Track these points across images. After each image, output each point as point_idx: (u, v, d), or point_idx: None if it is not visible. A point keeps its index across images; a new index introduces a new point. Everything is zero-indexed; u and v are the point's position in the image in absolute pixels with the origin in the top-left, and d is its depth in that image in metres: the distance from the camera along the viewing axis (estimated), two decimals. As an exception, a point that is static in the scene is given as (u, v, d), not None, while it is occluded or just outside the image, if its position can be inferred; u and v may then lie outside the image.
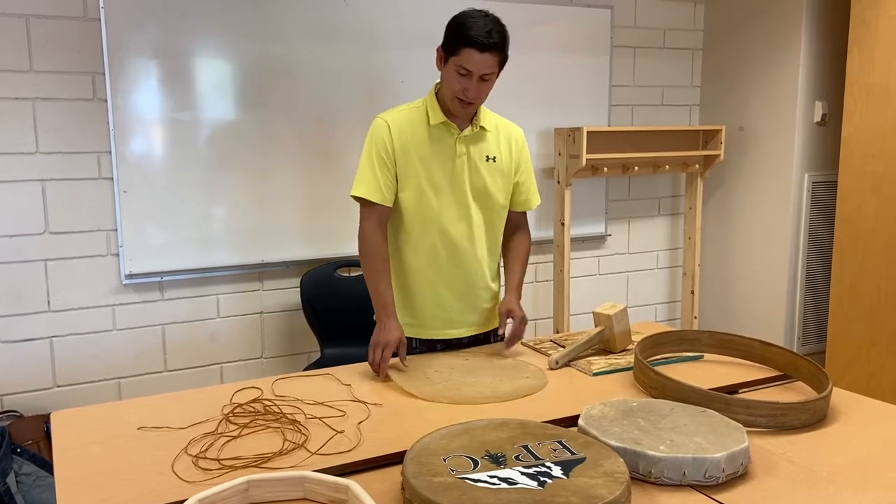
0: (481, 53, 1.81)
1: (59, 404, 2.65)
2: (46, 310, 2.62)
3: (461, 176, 1.96)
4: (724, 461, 1.22)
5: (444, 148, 1.94)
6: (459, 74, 1.85)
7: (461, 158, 1.95)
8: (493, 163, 2.00)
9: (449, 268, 1.99)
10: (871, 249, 2.95)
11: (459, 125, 1.96)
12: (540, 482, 1.13)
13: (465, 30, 1.82)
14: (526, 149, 2.09)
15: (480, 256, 2.02)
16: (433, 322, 2.03)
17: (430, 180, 1.93)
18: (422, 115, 1.95)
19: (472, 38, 1.80)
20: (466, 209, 1.97)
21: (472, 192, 1.97)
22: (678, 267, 3.89)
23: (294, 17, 2.82)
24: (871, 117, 2.91)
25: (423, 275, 1.99)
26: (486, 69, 1.84)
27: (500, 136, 2.03)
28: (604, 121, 3.53)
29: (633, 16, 3.55)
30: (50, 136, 2.56)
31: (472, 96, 1.87)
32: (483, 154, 1.99)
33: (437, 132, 1.94)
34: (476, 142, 1.98)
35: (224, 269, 2.83)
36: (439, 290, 2.00)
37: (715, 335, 1.87)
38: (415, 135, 1.93)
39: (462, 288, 2.01)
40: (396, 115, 1.95)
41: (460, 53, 1.82)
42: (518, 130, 2.09)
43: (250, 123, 2.81)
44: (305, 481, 1.19)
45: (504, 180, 2.02)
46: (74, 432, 1.46)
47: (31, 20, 2.49)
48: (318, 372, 1.85)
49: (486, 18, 1.83)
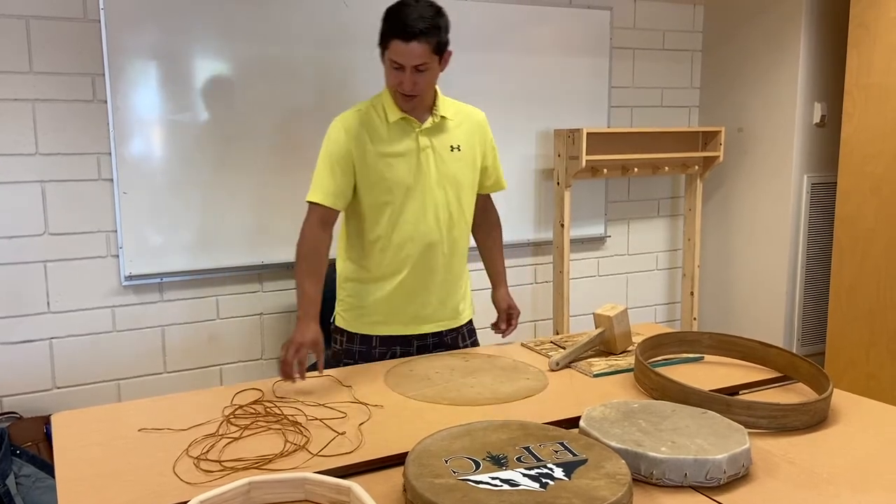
0: (407, 43, 1.76)
1: (59, 406, 2.65)
2: (46, 311, 2.62)
3: (427, 170, 1.93)
4: (725, 462, 1.22)
5: (407, 144, 1.91)
6: (393, 68, 1.81)
7: (425, 151, 1.92)
8: (458, 151, 1.96)
9: (421, 264, 1.97)
10: (870, 250, 2.96)
11: (419, 118, 1.92)
12: (542, 484, 1.12)
13: (391, 21, 1.78)
14: (489, 132, 2.06)
15: (450, 249, 2.01)
16: (404, 318, 2.02)
17: (395, 178, 1.90)
18: (379, 113, 1.92)
19: (397, 29, 1.76)
20: (435, 203, 1.95)
21: (440, 185, 1.94)
22: (678, 268, 3.89)
23: (295, 18, 2.82)
24: (870, 118, 2.92)
25: (393, 273, 1.97)
26: (416, 59, 1.78)
27: (461, 123, 1.99)
28: (603, 122, 3.53)
29: (632, 17, 3.56)
30: (50, 137, 2.55)
31: (408, 89, 1.82)
32: (447, 144, 1.95)
33: (398, 128, 1.91)
34: (438, 132, 1.94)
35: (224, 270, 2.83)
36: (411, 286, 1.99)
37: (715, 336, 1.87)
38: (374, 135, 1.90)
39: (435, 282, 2.01)
40: (354, 117, 1.91)
41: (389, 46, 1.79)
42: (480, 114, 2.05)
43: (250, 125, 2.80)
44: (307, 483, 1.18)
45: (471, 167, 2.00)
46: (75, 434, 1.46)
47: (30, 21, 2.49)
48: (318, 373, 1.85)
49: (415, 6, 1.78)
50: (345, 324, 2.05)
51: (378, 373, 1.83)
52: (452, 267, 2.04)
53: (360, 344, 2.03)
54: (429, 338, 2.07)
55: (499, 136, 3.28)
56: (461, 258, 2.07)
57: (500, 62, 3.24)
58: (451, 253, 2.02)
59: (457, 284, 2.07)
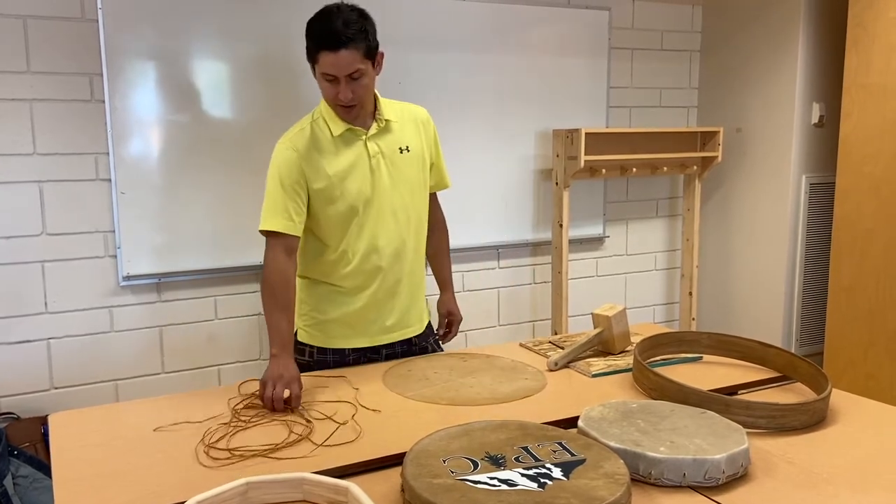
0: (336, 53, 1.71)
1: (57, 406, 2.65)
2: (44, 311, 2.61)
3: (381, 177, 1.89)
4: (724, 462, 1.22)
5: (357, 154, 1.87)
6: (327, 80, 1.77)
7: (375, 158, 1.88)
8: (407, 153, 1.93)
9: (389, 272, 1.94)
10: (869, 250, 2.96)
11: (364, 125, 1.88)
12: (540, 484, 1.12)
13: (314, 33, 1.73)
14: (434, 129, 2.03)
15: (413, 255, 1.98)
16: (373, 329, 1.98)
17: (352, 192, 1.86)
18: (322, 129, 1.87)
19: (323, 40, 1.71)
20: (394, 210, 1.91)
21: (396, 189, 1.91)
22: (676, 268, 3.89)
23: (293, 17, 2.82)
24: (868, 118, 2.92)
25: (363, 286, 1.93)
26: (348, 68, 1.73)
27: (406, 124, 1.95)
28: (602, 122, 3.53)
29: (630, 17, 3.55)
30: (47, 137, 2.55)
31: (346, 99, 1.77)
32: (396, 147, 1.91)
33: (344, 141, 1.86)
34: (385, 136, 1.90)
35: (222, 270, 2.83)
36: (380, 297, 1.95)
37: (714, 336, 1.87)
38: (323, 153, 1.85)
39: (402, 290, 1.98)
40: (299, 136, 1.86)
41: (318, 59, 1.75)
42: (423, 112, 2.01)
43: (249, 125, 2.80)
44: (305, 483, 1.18)
45: (422, 166, 1.97)
46: (73, 434, 1.45)
47: (28, 21, 2.48)
48: (316, 374, 1.84)
49: (336, 13, 1.73)
50: (310, 339, 2.00)
51: (376, 373, 1.83)
52: (416, 271, 2.01)
53: (333, 354, 1.99)
54: (396, 346, 2.03)
55: (497, 137, 3.28)
56: (422, 261, 2.05)
57: (498, 62, 3.24)
58: (415, 257, 1.99)
59: (420, 288, 2.05)
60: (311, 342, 1.99)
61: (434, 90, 3.11)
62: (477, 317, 3.39)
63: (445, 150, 3.15)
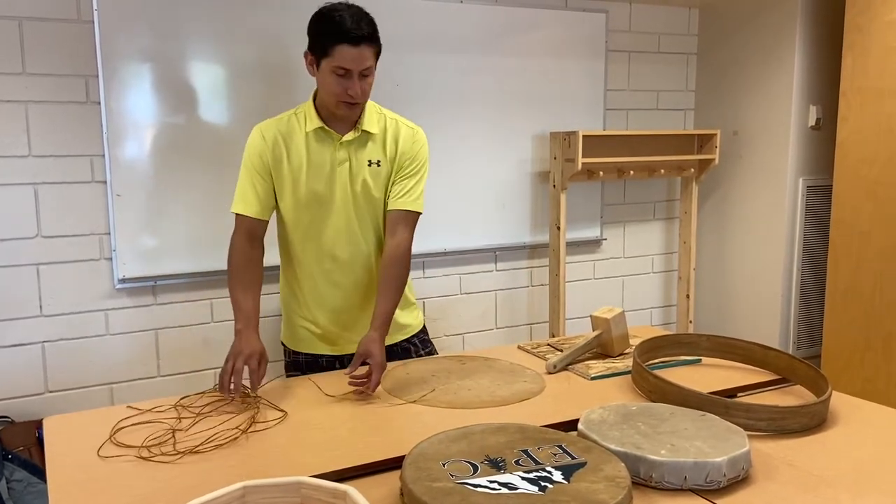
0: (356, 47, 1.71)
1: (51, 410, 2.63)
2: (38, 314, 2.59)
3: (342, 184, 1.86)
4: (725, 465, 1.21)
5: (323, 155, 1.85)
6: (337, 76, 1.74)
7: (342, 165, 1.86)
8: (376, 167, 1.88)
9: (338, 282, 1.93)
10: (865, 253, 2.96)
11: (340, 130, 1.85)
12: (541, 487, 1.11)
13: (332, 26, 1.71)
14: (412, 149, 1.90)
15: (369, 267, 1.95)
16: (340, 341, 1.98)
17: (309, 191, 1.85)
18: (299, 122, 1.86)
19: (343, 34, 1.69)
20: (349, 218, 1.89)
21: (354, 200, 1.88)
22: (673, 271, 3.89)
23: (289, 20, 2.81)
24: (865, 121, 2.92)
25: (312, 291, 1.94)
26: (364, 63, 1.74)
27: (387, 138, 1.89)
28: (599, 125, 3.53)
29: (627, 20, 3.56)
30: (42, 139, 2.54)
31: (358, 95, 1.76)
32: (366, 159, 1.87)
33: (316, 139, 1.85)
34: (359, 146, 1.87)
35: (218, 273, 2.81)
36: (332, 304, 1.95)
37: (713, 339, 1.86)
38: (291, 144, 1.85)
39: (354, 301, 1.95)
40: (273, 125, 1.86)
41: (333, 53, 1.72)
42: (406, 131, 1.90)
43: (245, 127, 2.78)
44: (302, 487, 1.17)
45: (386, 183, 1.91)
46: (67, 438, 1.44)
47: (23, 22, 2.47)
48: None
49: (350, 10, 1.73)
50: (287, 341, 2.06)
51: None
52: (365, 286, 1.96)
53: (305, 356, 2.01)
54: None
55: (495, 139, 3.28)
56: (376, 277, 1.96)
57: (496, 65, 3.24)
58: (372, 272, 1.95)
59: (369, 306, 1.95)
60: (287, 344, 2.05)
61: (431, 92, 3.11)
62: (474, 320, 3.38)
63: (442, 151, 3.16)
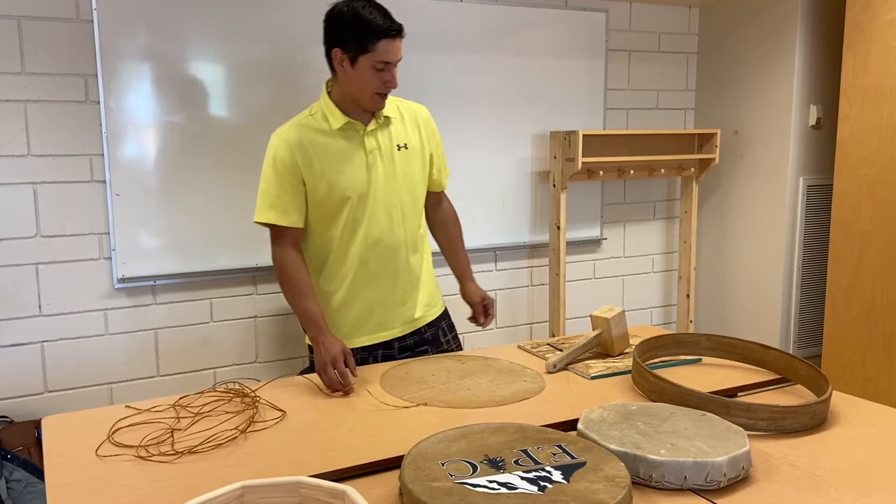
0: (395, 41, 1.80)
1: (51, 409, 2.62)
2: (38, 314, 2.59)
3: (377, 172, 1.91)
4: (725, 465, 1.21)
5: (353, 148, 1.89)
6: (377, 70, 1.81)
7: (373, 154, 1.91)
8: (405, 150, 1.95)
9: (377, 270, 1.95)
10: (866, 253, 2.95)
11: (363, 121, 1.91)
12: (540, 487, 1.11)
13: (370, 24, 1.77)
14: (433, 126, 2.05)
15: (408, 250, 1.99)
16: (365, 327, 1.99)
17: (347, 186, 1.88)
18: (320, 122, 1.89)
19: (384, 29, 1.77)
20: (388, 206, 1.93)
21: (391, 186, 1.93)
22: (673, 271, 3.88)
23: (289, 19, 2.81)
24: (865, 121, 2.91)
25: (350, 282, 1.95)
26: (400, 54, 1.84)
27: (405, 121, 1.98)
28: (599, 124, 3.52)
29: (627, 19, 3.55)
30: (42, 138, 2.53)
31: (394, 85, 1.84)
32: (394, 143, 1.94)
33: (342, 134, 1.89)
34: (383, 133, 1.93)
35: (218, 272, 2.81)
36: (369, 293, 1.96)
37: (713, 338, 1.86)
38: (319, 145, 1.87)
39: (392, 286, 1.98)
40: (294, 130, 1.88)
41: (376, 49, 1.78)
42: (422, 109, 2.04)
43: (244, 126, 2.79)
44: (301, 487, 1.17)
45: (421, 163, 1.99)
46: (66, 438, 1.44)
47: (22, 21, 2.46)
48: (307, 377, 1.83)
49: (370, 4, 1.80)
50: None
51: (374, 375, 1.81)
52: (412, 267, 2.02)
53: None
54: (407, 338, 2.05)
55: (494, 138, 3.27)
56: (420, 256, 2.05)
57: (496, 64, 3.23)
58: (411, 252, 2.00)
59: (419, 283, 2.05)
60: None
61: (431, 91, 3.11)
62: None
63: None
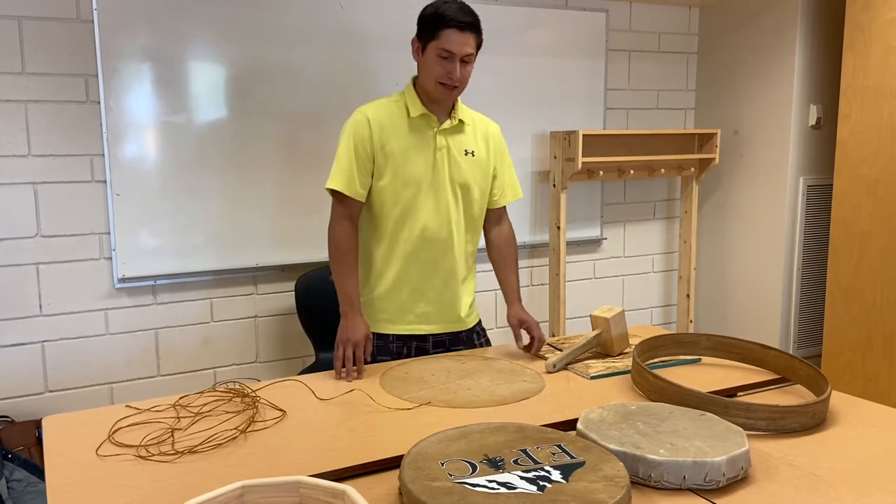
0: (462, 33, 1.86)
1: (51, 409, 2.63)
2: (38, 314, 2.59)
3: (441, 169, 1.97)
4: (724, 465, 1.21)
5: (425, 141, 1.96)
6: (441, 58, 1.88)
7: (441, 151, 1.97)
8: (471, 157, 2.02)
9: (426, 262, 2.00)
10: (866, 252, 2.95)
11: (439, 118, 1.98)
12: (539, 486, 1.11)
13: (442, 13, 1.87)
14: (503, 144, 2.12)
15: (458, 251, 2.03)
16: (406, 317, 2.03)
17: (411, 174, 1.94)
18: (401, 108, 1.97)
19: (451, 19, 1.86)
20: (446, 203, 1.99)
21: (451, 186, 1.99)
22: (673, 271, 3.88)
23: (289, 19, 2.81)
24: (865, 120, 2.91)
25: (398, 269, 2.00)
26: (467, 49, 1.88)
27: (476, 131, 2.06)
28: (599, 124, 3.52)
29: (628, 19, 3.55)
30: (42, 138, 2.53)
31: (456, 78, 1.89)
32: (462, 147, 2.01)
33: (417, 125, 1.96)
34: (455, 135, 2.01)
35: (218, 272, 2.81)
36: (415, 283, 2.01)
37: (713, 338, 1.86)
38: (394, 128, 1.95)
39: (438, 282, 2.02)
40: (376, 109, 1.97)
41: (440, 36, 1.86)
42: (494, 126, 2.11)
43: (244, 127, 2.79)
44: (301, 486, 1.17)
45: (483, 174, 2.05)
46: (66, 437, 1.44)
47: (23, 21, 2.47)
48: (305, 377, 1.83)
49: (457, 3, 1.90)
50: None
51: (374, 375, 1.81)
52: (458, 270, 2.05)
53: (377, 340, 2.02)
54: (444, 336, 2.08)
55: (494, 138, 3.27)
56: (468, 262, 2.08)
57: (496, 64, 3.23)
58: (459, 255, 2.04)
59: (462, 288, 2.08)
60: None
61: (431, 92, 3.10)
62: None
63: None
